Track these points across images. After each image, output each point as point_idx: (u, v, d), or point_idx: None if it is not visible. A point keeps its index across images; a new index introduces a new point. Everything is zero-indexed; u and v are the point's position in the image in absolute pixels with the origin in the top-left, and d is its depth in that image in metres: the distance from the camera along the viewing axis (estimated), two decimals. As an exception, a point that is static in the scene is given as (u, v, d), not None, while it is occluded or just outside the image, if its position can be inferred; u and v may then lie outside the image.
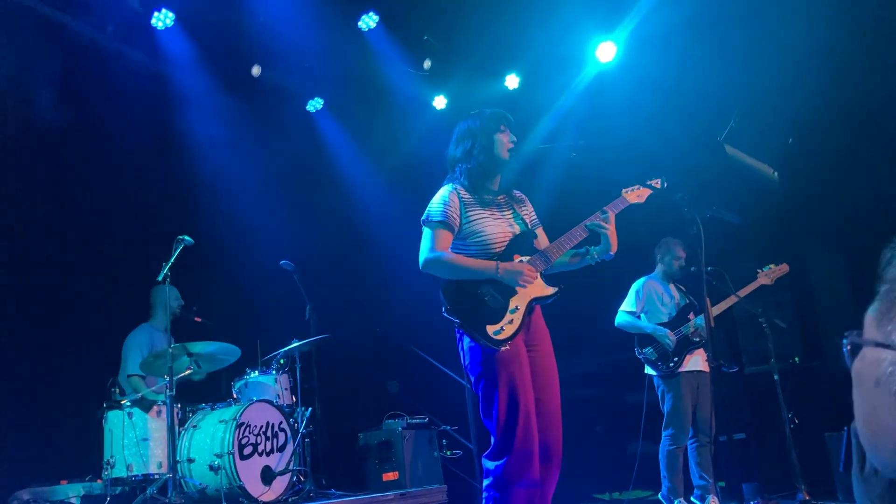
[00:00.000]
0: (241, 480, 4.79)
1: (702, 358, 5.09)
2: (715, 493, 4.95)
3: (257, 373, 5.54)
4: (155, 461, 4.86)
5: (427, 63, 6.82)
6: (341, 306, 6.89)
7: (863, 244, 5.66)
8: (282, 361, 5.68)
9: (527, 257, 3.14)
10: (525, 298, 3.08)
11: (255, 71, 6.31)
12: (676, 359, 5.09)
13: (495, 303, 3.03)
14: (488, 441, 3.05)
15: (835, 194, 5.98)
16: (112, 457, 4.82)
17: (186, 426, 5.12)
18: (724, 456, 5.32)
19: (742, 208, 4.47)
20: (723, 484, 5.62)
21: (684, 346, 5.10)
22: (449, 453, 6.25)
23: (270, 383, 5.51)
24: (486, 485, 3.01)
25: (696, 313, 5.17)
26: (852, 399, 0.98)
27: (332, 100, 7.17)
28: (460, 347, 3.13)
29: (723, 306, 5.11)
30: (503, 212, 3.26)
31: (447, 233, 3.15)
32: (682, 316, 5.20)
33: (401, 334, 7.16)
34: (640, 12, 6.09)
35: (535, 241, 3.26)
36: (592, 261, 3.23)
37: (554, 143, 4.09)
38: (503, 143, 3.23)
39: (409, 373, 7.22)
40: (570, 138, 6.14)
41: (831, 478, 4.93)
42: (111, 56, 5.68)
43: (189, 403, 5.37)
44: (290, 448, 5.23)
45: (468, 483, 6.34)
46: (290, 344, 5.66)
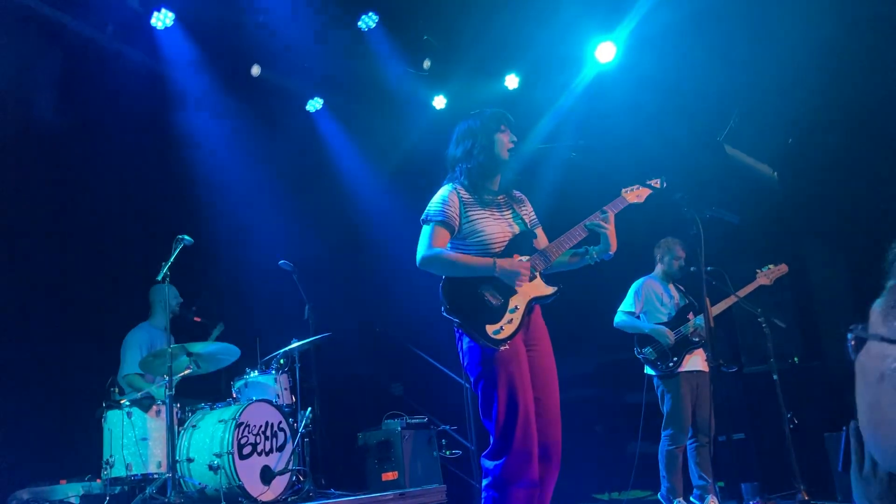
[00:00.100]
0: (240, 480, 4.79)
1: (701, 358, 5.09)
2: (714, 493, 4.95)
3: (257, 372, 5.54)
4: (154, 461, 4.86)
5: (427, 63, 6.83)
6: (340, 306, 6.89)
7: (862, 244, 5.66)
8: (281, 361, 5.68)
9: (526, 257, 3.14)
10: (525, 298, 3.08)
11: (255, 71, 6.32)
12: (676, 359, 5.09)
13: (495, 302, 3.03)
14: (488, 441, 3.05)
15: (834, 194, 5.98)
16: (111, 456, 4.82)
17: (186, 426, 5.11)
18: (723, 456, 5.32)
19: (742, 208, 4.47)
20: (722, 484, 5.63)
21: (684, 346, 5.11)
22: (448, 453, 6.25)
23: (270, 383, 5.51)
24: (485, 485, 3.01)
25: (695, 313, 5.17)
26: (852, 396, 0.98)
27: (332, 100, 7.17)
28: (459, 347, 3.13)
29: (722, 306, 5.11)
30: (503, 212, 3.27)
31: (445, 231, 3.15)
32: (682, 316, 5.20)
33: (400, 334, 7.16)
34: (639, 12, 6.09)
35: (535, 240, 3.27)
36: (592, 260, 3.24)
37: (553, 143, 4.09)
38: (503, 142, 3.24)
39: (408, 373, 7.23)
40: (570, 138, 6.14)
41: (830, 478, 4.93)
42: (111, 56, 5.68)
43: (189, 403, 5.37)
44: (289, 448, 5.23)
45: (467, 483, 6.35)
46: (290, 344, 5.66)
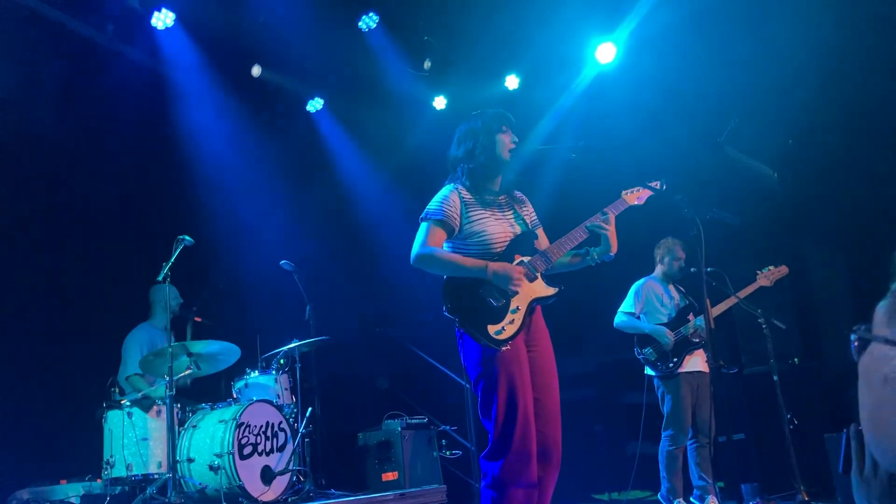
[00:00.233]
0: (240, 480, 4.79)
1: (701, 359, 5.10)
2: (714, 494, 4.95)
3: (257, 373, 5.54)
4: (155, 461, 4.86)
5: (427, 63, 6.83)
6: (341, 306, 6.89)
7: (862, 245, 5.67)
8: (282, 361, 5.69)
9: (527, 257, 3.14)
10: (526, 299, 3.08)
11: (255, 71, 6.32)
12: (676, 359, 5.09)
13: (496, 303, 3.03)
14: (487, 441, 3.05)
15: (834, 196, 5.99)
16: (112, 456, 4.82)
17: (186, 426, 5.11)
18: (723, 456, 5.32)
19: (742, 209, 4.49)
20: (722, 484, 5.64)
21: (684, 346, 5.11)
22: (448, 453, 6.25)
23: (270, 383, 5.52)
24: (485, 485, 3.01)
25: (695, 314, 5.17)
26: (853, 396, 0.99)
27: (332, 100, 7.17)
28: (460, 347, 3.13)
29: (722, 307, 5.11)
30: (504, 212, 3.27)
31: (442, 230, 3.15)
32: (682, 317, 5.20)
33: (400, 334, 7.16)
34: (639, 13, 6.09)
35: (536, 241, 3.27)
36: (593, 261, 3.24)
37: (554, 143, 4.09)
38: (505, 143, 3.24)
39: (408, 373, 7.22)
40: (570, 139, 6.14)
41: (830, 478, 4.93)
42: (111, 56, 5.68)
43: (189, 403, 5.37)
44: (289, 448, 5.23)
45: (467, 483, 6.35)
46: (290, 343, 5.66)
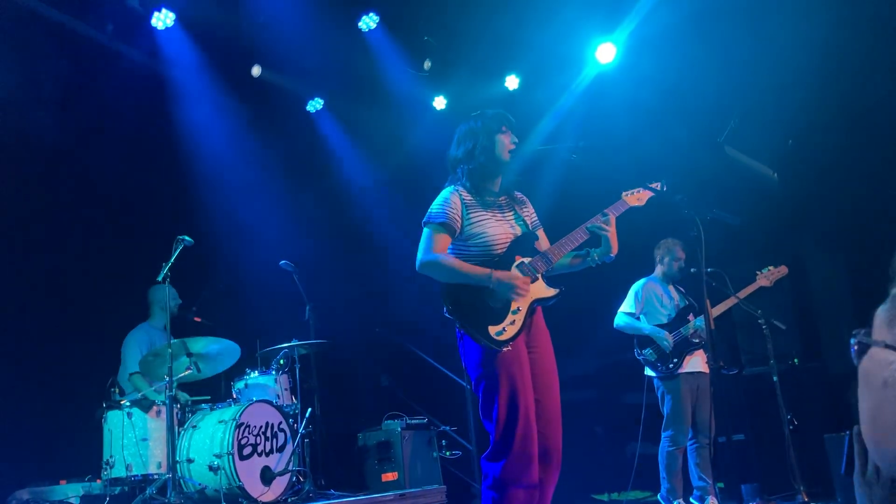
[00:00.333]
0: (240, 481, 4.79)
1: (701, 359, 5.10)
2: (714, 495, 4.95)
3: (257, 373, 5.54)
4: (154, 461, 4.86)
5: (427, 63, 6.83)
6: (341, 306, 6.89)
7: (862, 246, 5.68)
8: (281, 362, 5.69)
9: (528, 259, 3.14)
10: (527, 299, 3.08)
11: (255, 71, 6.31)
12: (676, 360, 5.09)
13: (497, 303, 3.03)
14: (488, 442, 3.05)
15: (834, 196, 5.99)
16: (111, 457, 4.82)
17: (186, 426, 5.11)
18: (723, 457, 5.32)
19: (742, 209, 4.48)
20: (722, 485, 5.63)
21: (684, 347, 5.11)
22: (448, 454, 6.25)
23: (270, 384, 5.51)
24: (485, 486, 3.01)
25: (695, 314, 5.17)
26: (855, 398, 0.99)
27: (332, 100, 7.17)
28: (461, 348, 3.13)
29: (722, 308, 5.11)
30: (504, 213, 3.26)
31: (446, 235, 3.14)
32: (682, 317, 5.20)
33: (400, 334, 7.16)
34: (639, 13, 6.09)
35: (537, 242, 3.27)
36: (593, 262, 3.23)
37: (554, 144, 4.09)
38: (505, 144, 3.23)
39: (408, 373, 7.22)
40: (570, 139, 6.13)
41: (830, 479, 4.93)
42: (111, 56, 5.68)
43: (189, 405, 5.37)
44: (289, 448, 5.23)
45: (467, 484, 6.35)
46: (290, 343, 5.66)
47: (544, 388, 3.08)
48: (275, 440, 5.17)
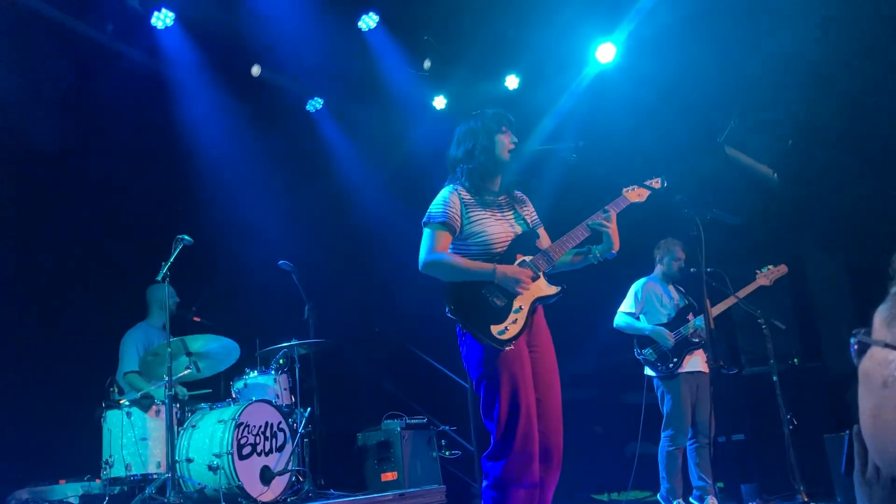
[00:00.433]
0: (239, 480, 4.78)
1: (701, 359, 5.10)
2: (714, 494, 4.95)
3: (256, 373, 5.54)
4: (154, 461, 4.86)
5: (427, 63, 6.82)
6: (340, 306, 6.88)
7: (862, 246, 5.68)
8: (281, 362, 5.68)
9: (529, 257, 3.14)
10: (528, 298, 3.08)
11: (255, 71, 6.31)
12: (676, 360, 5.09)
13: (499, 303, 3.03)
14: (488, 441, 3.05)
15: (834, 196, 5.99)
16: (111, 456, 4.82)
17: (185, 426, 5.11)
18: (723, 457, 5.33)
19: (742, 209, 4.49)
20: (721, 485, 5.64)
21: (684, 347, 5.11)
22: (448, 453, 6.25)
23: (270, 383, 5.51)
24: (486, 485, 3.01)
25: (695, 314, 5.17)
26: (854, 398, 0.98)
27: (332, 100, 7.16)
28: (462, 347, 3.13)
29: (722, 307, 5.11)
30: (504, 212, 3.27)
31: (447, 234, 3.15)
32: (682, 317, 5.20)
33: (400, 334, 7.15)
34: (639, 13, 6.09)
35: (538, 240, 3.26)
36: (595, 260, 3.23)
37: (554, 144, 4.09)
38: (504, 143, 3.24)
39: (408, 373, 7.22)
40: (570, 139, 6.13)
41: (830, 479, 4.93)
42: (111, 56, 5.68)
43: (188, 403, 5.37)
44: (288, 448, 5.22)
45: (467, 483, 6.35)
46: (289, 343, 5.66)
47: (545, 388, 3.08)
48: (274, 440, 5.17)
